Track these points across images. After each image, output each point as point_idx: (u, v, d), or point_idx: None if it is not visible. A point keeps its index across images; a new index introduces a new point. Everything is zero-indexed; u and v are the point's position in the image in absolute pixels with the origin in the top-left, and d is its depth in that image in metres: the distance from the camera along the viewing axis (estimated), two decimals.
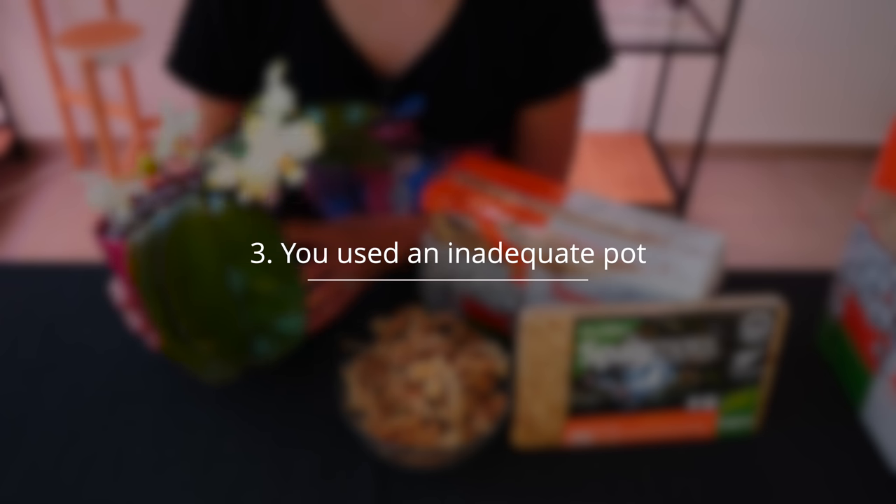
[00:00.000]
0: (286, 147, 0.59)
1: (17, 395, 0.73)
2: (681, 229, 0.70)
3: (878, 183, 0.71)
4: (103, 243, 0.67)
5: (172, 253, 0.60)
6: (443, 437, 0.64)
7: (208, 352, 0.60)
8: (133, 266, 0.60)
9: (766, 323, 0.64)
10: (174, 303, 0.59)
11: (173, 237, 0.60)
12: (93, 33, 2.20)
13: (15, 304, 0.83)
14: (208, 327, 0.60)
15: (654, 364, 0.65)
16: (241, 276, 0.61)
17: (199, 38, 0.87)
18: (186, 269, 0.60)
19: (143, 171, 0.63)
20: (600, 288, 0.68)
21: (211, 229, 0.61)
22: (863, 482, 0.68)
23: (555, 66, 0.88)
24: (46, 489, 0.65)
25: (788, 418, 0.73)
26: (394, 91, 0.87)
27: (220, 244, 0.61)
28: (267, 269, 0.61)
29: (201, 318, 0.60)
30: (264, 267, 0.61)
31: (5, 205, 2.46)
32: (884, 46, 2.60)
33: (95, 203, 0.62)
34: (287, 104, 0.64)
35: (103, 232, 0.69)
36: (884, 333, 0.68)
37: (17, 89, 2.57)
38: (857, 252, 0.74)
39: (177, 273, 0.60)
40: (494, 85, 0.88)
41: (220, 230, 0.61)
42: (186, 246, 0.60)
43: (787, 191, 2.68)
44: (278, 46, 0.85)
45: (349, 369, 0.69)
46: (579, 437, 0.69)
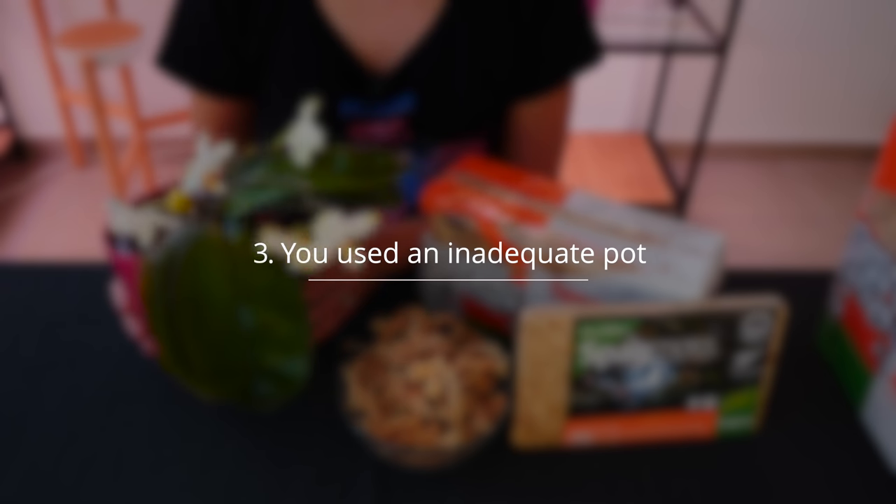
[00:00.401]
0: (349, 232, 0.59)
1: (17, 395, 0.73)
2: (681, 229, 0.70)
3: (878, 183, 0.71)
4: (113, 255, 0.67)
5: (186, 279, 0.60)
6: (443, 437, 0.64)
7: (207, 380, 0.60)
8: (145, 284, 0.59)
9: (766, 323, 0.64)
10: (182, 328, 0.59)
11: (189, 262, 0.60)
12: (93, 33, 2.20)
13: (15, 303, 0.83)
14: (213, 358, 0.60)
15: (654, 364, 0.65)
16: (251, 313, 0.61)
17: (189, 33, 0.87)
18: (199, 297, 0.60)
19: (175, 209, 0.61)
20: (600, 288, 0.68)
21: (228, 263, 0.61)
22: (863, 482, 0.68)
23: (544, 61, 0.89)
24: (46, 489, 0.65)
25: (788, 418, 0.73)
26: (384, 88, 0.87)
27: (234, 279, 0.61)
28: (279, 310, 0.61)
29: (207, 348, 0.59)
30: (277, 307, 0.61)
31: (5, 205, 2.46)
32: (884, 46, 2.60)
33: (119, 229, 0.62)
34: (318, 142, 0.64)
35: (113, 240, 0.69)
36: (884, 333, 0.68)
37: (17, 89, 2.57)
38: (857, 252, 0.74)
39: (189, 302, 0.59)
40: (484, 82, 0.89)
41: (236, 265, 0.61)
42: (201, 274, 0.60)
43: (787, 191, 2.68)
44: (270, 43, 0.85)
45: (349, 369, 0.69)
46: (579, 437, 0.69)
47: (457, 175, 0.76)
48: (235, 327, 0.60)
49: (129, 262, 0.66)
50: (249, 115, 0.96)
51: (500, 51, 0.87)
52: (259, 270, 0.61)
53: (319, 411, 0.71)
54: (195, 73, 0.89)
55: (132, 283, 0.68)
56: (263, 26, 0.85)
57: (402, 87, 0.87)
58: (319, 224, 0.58)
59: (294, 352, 0.61)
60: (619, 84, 2.64)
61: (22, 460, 0.67)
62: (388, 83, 0.87)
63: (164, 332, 0.58)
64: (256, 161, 0.67)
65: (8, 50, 2.49)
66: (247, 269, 0.61)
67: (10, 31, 2.45)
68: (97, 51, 2.10)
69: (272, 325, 0.61)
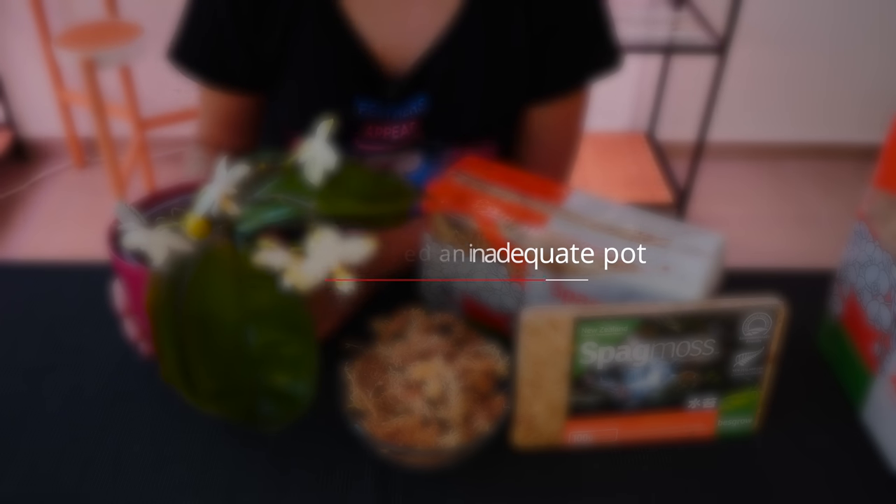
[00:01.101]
0: (343, 255, 0.58)
1: (17, 396, 0.73)
2: (681, 229, 0.70)
3: (878, 183, 0.71)
4: (117, 261, 0.67)
5: (194, 295, 0.59)
6: (443, 437, 0.64)
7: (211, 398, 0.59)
8: (152, 299, 0.59)
9: (766, 323, 0.64)
10: (189, 345, 0.58)
11: (197, 279, 0.60)
12: (93, 33, 2.20)
13: (15, 304, 0.83)
14: (218, 377, 0.59)
15: (653, 364, 0.65)
16: (258, 333, 0.60)
17: (204, 29, 0.87)
18: (206, 314, 0.59)
19: (195, 233, 0.61)
20: (600, 288, 0.68)
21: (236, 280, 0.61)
22: (863, 482, 0.67)
23: (561, 66, 0.88)
24: (46, 489, 0.65)
25: (788, 418, 0.73)
26: (399, 90, 0.87)
27: (242, 297, 0.61)
28: (287, 330, 0.61)
29: (212, 366, 0.59)
30: (284, 327, 0.61)
31: (5, 205, 2.46)
32: (884, 46, 2.60)
33: (130, 245, 0.61)
34: (331, 161, 0.64)
35: (116, 243, 0.69)
36: (884, 334, 0.68)
37: (17, 89, 2.57)
38: (857, 252, 0.74)
39: (195, 319, 0.59)
40: (498, 86, 0.88)
41: (244, 283, 0.61)
42: (208, 291, 0.60)
43: (787, 191, 2.68)
44: (288, 39, 0.85)
45: (349, 369, 0.69)
46: (579, 437, 0.69)
47: (457, 175, 0.76)
48: (242, 346, 0.60)
49: (134, 271, 0.65)
50: (257, 111, 0.95)
51: (516, 55, 0.86)
52: (267, 289, 0.60)
53: (319, 411, 0.71)
54: (208, 69, 0.89)
55: (133, 289, 0.68)
56: (282, 22, 0.84)
57: (417, 88, 0.87)
58: (314, 242, 0.57)
59: (300, 373, 0.60)
60: (619, 84, 2.63)
61: (22, 461, 0.67)
62: (404, 85, 0.86)
63: (170, 348, 0.58)
64: (268, 177, 0.67)
65: (8, 50, 2.49)
66: (254, 288, 0.61)
67: (10, 31, 2.45)
68: (97, 51, 2.10)
69: (279, 345, 0.60)
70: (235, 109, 0.93)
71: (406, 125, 0.89)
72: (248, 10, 0.83)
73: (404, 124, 0.89)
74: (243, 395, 0.60)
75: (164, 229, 0.60)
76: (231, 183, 0.64)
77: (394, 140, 0.90)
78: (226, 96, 0.91)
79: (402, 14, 0.85)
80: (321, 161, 0.64)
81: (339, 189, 0.65)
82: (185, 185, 0.75)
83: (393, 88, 0.86)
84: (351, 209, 0.64)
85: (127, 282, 0.68)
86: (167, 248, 0.60)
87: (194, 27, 0.87)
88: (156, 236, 0.59)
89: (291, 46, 0.85)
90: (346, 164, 0.65)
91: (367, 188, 0.67)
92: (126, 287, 0.69)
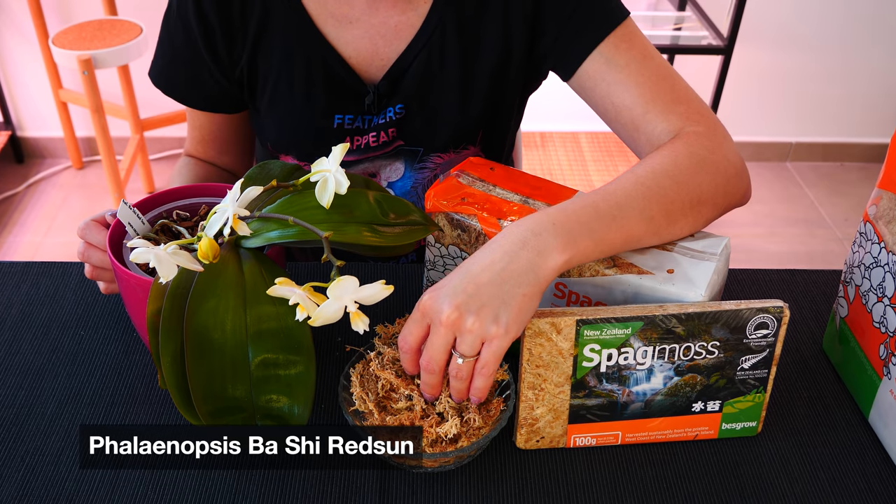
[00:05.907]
0: (361, 298, 0.58)
1: (16, 396, 0.72)
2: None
3: (883, 184, 0.70)
4: (120, 271, 0.66)
5: (195, 311, 0.59)
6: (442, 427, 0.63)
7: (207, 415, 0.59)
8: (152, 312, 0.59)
9: (772, 325, 0.64)
10: (188, 361, 0.58)
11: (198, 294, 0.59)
12: (92, 34, 2.19)
13: (14, 304, 0.82)
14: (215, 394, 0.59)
15: (657, 366, 0.65)
16: (258, 352, 0.60)
17: (175, 51, 0.88)
18: (207, 331, 0.59)
19: (204, 255, 0.60)
20: (603, 290, 0.67)
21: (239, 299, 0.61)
22: (868, 485, 0.67)
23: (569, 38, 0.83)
24: (46, 489, 0.64)
25: (793, 420, 0.72)
26: (375, 98, 0.86)
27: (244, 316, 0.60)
28: (288, 352, 0.60)
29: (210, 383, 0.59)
30: (285, 349, 0.60)
31: (4, 205, 2.46)
32: (890, 46, 2.59)
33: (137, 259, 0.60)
34: (341, 186, 0.64)
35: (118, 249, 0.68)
36: (890, 335, 0.68)
37: (17, 89, 2.56)
38: (862, 254, 0.73)
39: (196, 335, 0.59)
40: (476, 89, 0.87)
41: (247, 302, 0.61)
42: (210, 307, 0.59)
43: (792, 192, 2.67)
44: (258, 57, 0.86)
45: (349, 369, 0.68)
46: (582, 440, 0.68)
47: (457, 175, 0.76)
48: (241, 365, 0.60)
49: (133, 279, 0.65)
50: (242, 129, 0.97)
51: (495, 56, 0.86)
52: (270, 311, 0.60)
53: (320, 411, 0.70)
54: (182, 91, 0.90)
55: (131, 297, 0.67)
56: (252, 39, 0.85)
57: (392, 95, 0.87)
58: (334, 285, 0.57)
59: (298, 395, 0.60)
60: None
61: (22, 461, 0.67)
62: (379, 93, 0.86)
63: (169, 362, 0.58)
64: (277, 194, 0.67)
65: (7, 50, 2.48)
66: (258, 308, 0.60)
67: (10, 31, 2.44)
68: (96, 51, 2.10)
69: (278, 366, 0.60)
70: (218, 127, 0.95)
71: (384, 132, 0.89)
72: (218, 29, 0.84)
73: (382, 132, 0.89)
74: (240, 412, 0.60)
75: (174, 251, 0.59)
76: (243, 205, 0.64)
77: (372, 147, 0.90)
78: (206, 115, 0.93)
79: (369, 21, 0.84)
80: (331, 184, 0.64)
81: (349, 213, 0.65)
82: (182, 190, 0.75)
83: (369, 97, 0.86)
84: (360, 239, 0.64)
85: (126, 289, 0.68)
86: (176, 267, 0.59)
87: (166, 50, 0.88)
88: (166, 256, 0.58)
89: (262, 62, 0.86)
90: (356, 189, 0.65)
91: (378, 216, 0.67)
92: (125, 293, 0.69)
